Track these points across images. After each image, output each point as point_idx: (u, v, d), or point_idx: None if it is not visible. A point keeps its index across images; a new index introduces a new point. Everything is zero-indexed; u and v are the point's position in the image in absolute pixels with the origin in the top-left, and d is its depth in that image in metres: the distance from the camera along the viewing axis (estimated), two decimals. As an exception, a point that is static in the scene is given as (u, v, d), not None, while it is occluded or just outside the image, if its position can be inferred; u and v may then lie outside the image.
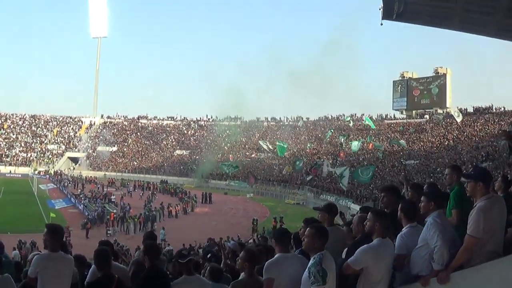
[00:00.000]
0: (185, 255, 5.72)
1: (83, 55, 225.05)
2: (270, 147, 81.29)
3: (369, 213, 5.63)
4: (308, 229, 5.23)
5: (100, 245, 7.23)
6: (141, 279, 5.84)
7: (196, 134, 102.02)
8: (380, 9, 13.17)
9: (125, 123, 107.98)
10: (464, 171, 5.94)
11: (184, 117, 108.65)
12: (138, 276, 6.01)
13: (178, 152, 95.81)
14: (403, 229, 5.71)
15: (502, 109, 73.49)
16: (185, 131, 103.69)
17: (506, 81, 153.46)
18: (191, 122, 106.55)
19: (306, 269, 4.96)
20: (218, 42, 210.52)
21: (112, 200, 54.04)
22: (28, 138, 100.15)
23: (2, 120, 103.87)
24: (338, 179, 49.81)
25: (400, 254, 5.49)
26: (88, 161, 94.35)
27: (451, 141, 67.97)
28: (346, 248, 6.25)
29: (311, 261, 4.96)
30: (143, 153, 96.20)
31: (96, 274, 5.90)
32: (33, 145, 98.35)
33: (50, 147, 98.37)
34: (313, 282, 4.80)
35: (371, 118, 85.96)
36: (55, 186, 69.22)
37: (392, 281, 5.50)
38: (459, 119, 72.42)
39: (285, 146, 76.26)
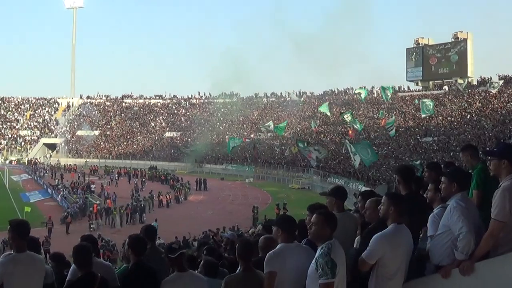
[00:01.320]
0: (176, 249, 5.68)
1: (57, 29, 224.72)
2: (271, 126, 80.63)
3: (384, 196, 5.63)
4: (315, 215, 5.15)
5: (82, 240, 7.18)
6: (124, 277, 5.84)
7: (188, 113, 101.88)
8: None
9: (108, 103, 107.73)
10: (488, 149, 5.86)
11: (174, 95, 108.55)
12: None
13: (168, 134, 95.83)
14: (434, 210, 5.73)
15: (533, 78, 72.62)
16: (175, 111, 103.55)
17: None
18: (182, 101, 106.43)
19: (313, 261, 4.90)
20: (212, 3, 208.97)
21: (92, 189, 54.11)
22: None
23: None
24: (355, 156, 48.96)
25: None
26: (66, 147, 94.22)
27: (473, 115, 67.67)
28: (359, 237, 6.26)
29: (318, 252, 4.90)
30: (128, 137, 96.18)
31: (77, 273, 5.84)
32: (2, 131, 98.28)
33: (22, 133, 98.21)
34: (321, 275, 4.74)
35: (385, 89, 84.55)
36: (29, 176, 69.31)
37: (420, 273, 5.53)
38: (494, 90, 71.20)
39: (283, 125, 75.89)
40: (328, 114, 77.12)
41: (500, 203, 4.96)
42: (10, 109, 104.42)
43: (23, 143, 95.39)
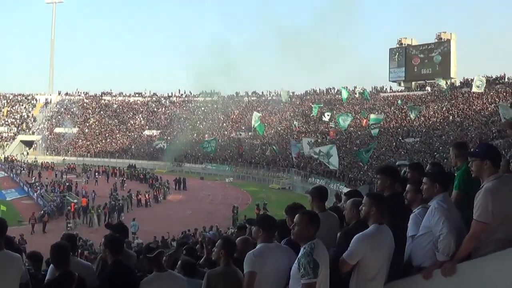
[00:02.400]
0: (154, 248, 5.65)
1: (36, 23, 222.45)
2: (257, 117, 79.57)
3: (365, 196, 5.63)
4: (298, 215, 5.14)
5: (63, 239, 7.13)
6: (103, 277, 5.78)
7: (168, 111, 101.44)
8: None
9: (86, 100, 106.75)
10: (471, 149, 5.85)
11: (154, 93, 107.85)
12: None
13: (147, 132, 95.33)
14: (414, 210, 5.72)
15: (516, 78, 72.75)
16: (155, 109, 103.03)
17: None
18: (162, 99, 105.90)
19: (296, 261, 4.90)
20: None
21: (70, 186, 53.64)
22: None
23: None
24: (325, 159, 49.04)
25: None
26: (44, 144, 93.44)
27: (456, 116, 68.08)
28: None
29: (301, 252, 4.90)
30: (107, 135, 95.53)
31: (54, 272, 5.78)
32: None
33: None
34: (303, 274, 4.74)
35: (364, 90, 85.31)
36: (5, 174, 68.59)
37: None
38: (478, 90, 70.34)
39: (261, 124, 75.62)
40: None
41: (482, 204, 4.95)
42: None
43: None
